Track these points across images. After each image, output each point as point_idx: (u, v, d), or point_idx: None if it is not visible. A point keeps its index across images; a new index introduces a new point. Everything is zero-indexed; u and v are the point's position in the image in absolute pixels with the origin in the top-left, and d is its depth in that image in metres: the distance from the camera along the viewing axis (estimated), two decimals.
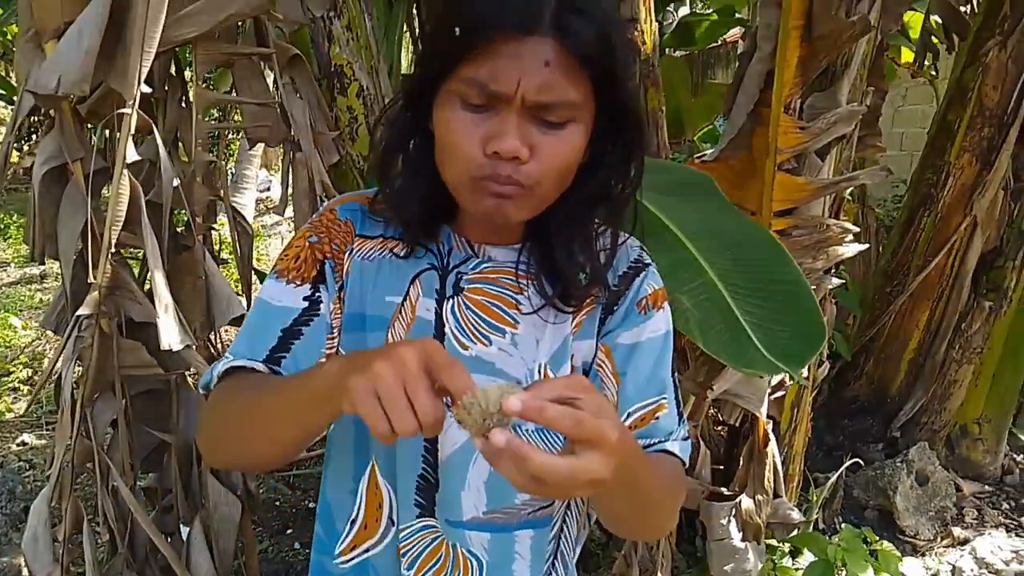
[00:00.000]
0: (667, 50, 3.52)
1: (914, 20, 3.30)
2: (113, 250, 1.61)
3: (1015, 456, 3.11)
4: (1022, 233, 2.71)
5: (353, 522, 0.92)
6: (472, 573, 0.90)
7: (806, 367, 1.88)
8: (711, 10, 3.47)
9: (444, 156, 0.79)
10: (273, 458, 0.83)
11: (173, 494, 1.88)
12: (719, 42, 4.48)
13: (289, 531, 2.80)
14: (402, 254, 0.88)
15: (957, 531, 2.72)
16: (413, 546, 0.90)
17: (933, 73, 3.55)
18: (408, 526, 0.90)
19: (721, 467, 2.18)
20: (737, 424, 2.09)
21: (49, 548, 1.64)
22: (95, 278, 1.57)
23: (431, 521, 0.89)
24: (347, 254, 0.88)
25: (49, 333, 4.36)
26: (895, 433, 2.98)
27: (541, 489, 0.60)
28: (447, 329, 0.87)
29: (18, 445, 3.42)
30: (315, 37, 1.79)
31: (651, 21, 2.36)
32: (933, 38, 2.83)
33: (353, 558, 0.93)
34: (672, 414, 0.90)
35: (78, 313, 1.56)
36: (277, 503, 3.01)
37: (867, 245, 2.25)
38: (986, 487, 2.92)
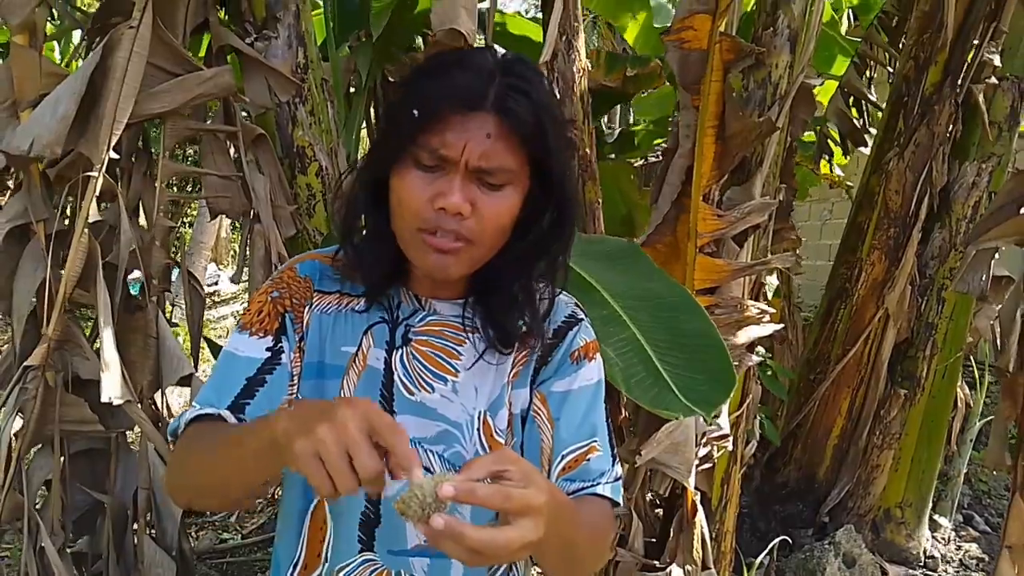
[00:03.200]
0: (614, 156, 3.77)
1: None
2: (67, 307, 1.67)
3: (936, 539, 3.22)
4: (930, 325, 2.93)
5: (295, 564, 0.98)
6: None
7: (725, 420, 2.00)
8: (648, 120, 3.76)
9: (397, 211, 0.88)
10: (238, 498, 0.91)
11: (104, 559, 1.86)
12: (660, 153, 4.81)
13: None
14: (359, 308, 0.97)
15: None
16: None
17: (849, 184, 3.89)
18: (349, 563, 0.95)
19: (654, 540, 2.23)
20: (667, 494, 2.16)
21: None
22: (46, 331, 1.62)
23: (371, 555, 0.95)
24: (307, 308, 0.96)
25: None
26: (824, 518, 3.07)
27: (482, 559, 0.66)
28: (395, 377, 0.95)
29: None
30: (280, 120, 1.93)
31: (588, 123, 2.58)
32: (829, 142, 3.13)
33: None
34: (604, 456, 0.98)
35: (25, 364, 1.60)
36: None
37: (782, 325, 2.42)
38: (910, 570, 3.01)
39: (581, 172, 2.51)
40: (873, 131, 3.20)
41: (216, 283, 9.26)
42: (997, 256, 2.44)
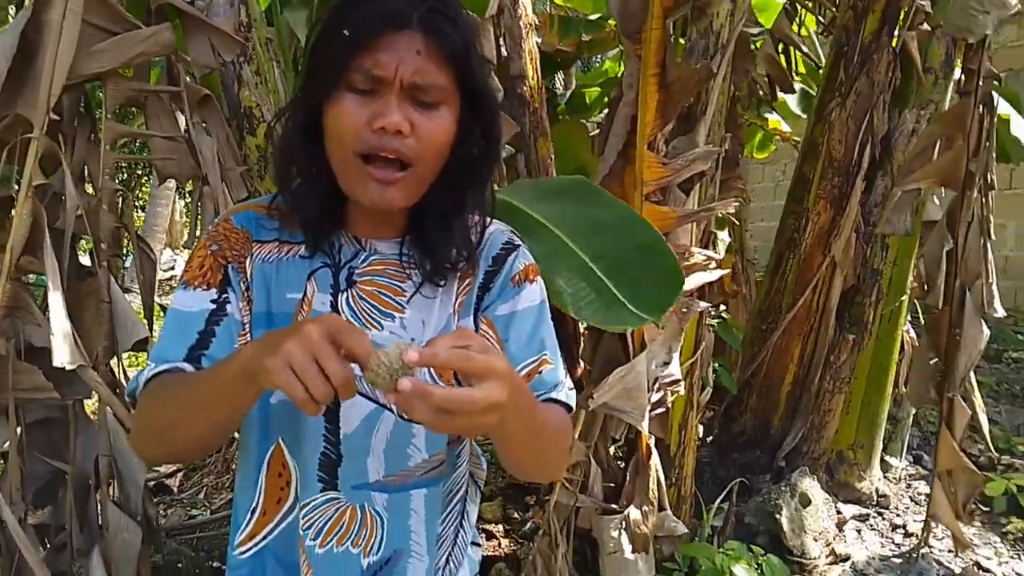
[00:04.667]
0: (567, 116, 3.79)
1: None
2: (15, 274, 1.66)
3: (887, 478, 3.36)
4: (875, 272, 3.02)
5: (253, 511, 1.00)
6: (376, 529, 1.00)
7: (676, 366, 2.06)
8: (598, 82, 3.79)
9: (335, 139, 0.90)
10: (210, 442, 0.92)
11: (68, 531, 1.86)
12: None
13: None
14: (300, 255, 0.99)
15: (839, 548, 2.90)
16: (317, 519, 0.98)
17: (797, 139, 3.97)
18: (310, 500, 0.98)
19: (613, 485, 2.30)
20: (623, 440, 2.23)
21: None
22: None
23: (334, 493, 0.98)
24: (248, 258, 0.98)
25: None
26: (780, 463, 3.17)
27: (451, 420, 0.70)
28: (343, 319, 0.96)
29: None
30: (225, 80, 1.92)
31: (538, 79, 2.61)
32: (758, 88, 3.19)
33: (250, 548, 1.01)
34: (556, 368, 1.02)
35: None
36: (179, 564, 2.92)
37: (728, 271, 2.47)
38: (863, 509, 3.13)
39: (532, 128, 2.54)
40: (799, 78, 3.26)
41: (172, 268, 9.13)
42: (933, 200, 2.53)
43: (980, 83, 2.18)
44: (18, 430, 1.76)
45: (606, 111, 3.62)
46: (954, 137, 2.29)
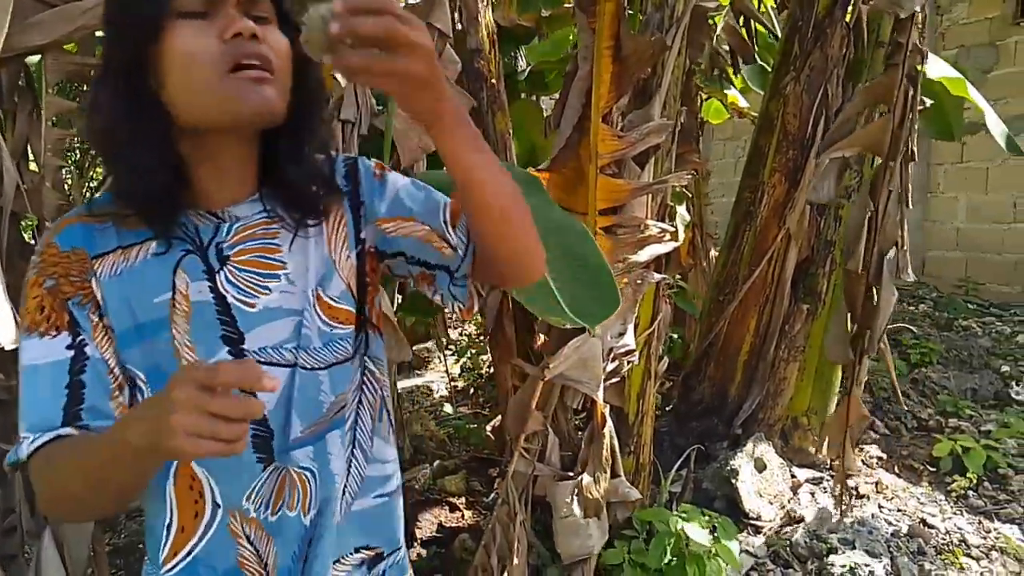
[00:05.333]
0: (523, 95, 3.78)
1: None
2: None
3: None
4: (828, 243, 3.08)
5: (169, 527, 0.94)
6: (309, 485, 0.97)
7: (631, 336, 2.09)
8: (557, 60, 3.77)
9: (187, 71, 0.82)
10: (131, 496, 0.86)
11: (17, 513, 1.84)
12: None
13: None
14: (152, 253, 0.90)
15: (794, 510, 2.99)
16: (265, 496, 0.95)
17: (754, 114, 4.00)
18: (255, 484, 0.94)
19: (570, 454, 2.34)
20: (581, 409, 2.26)
21: None
22: None
23: (274, 463, 0.95)
24: (92, 281, 0.88)
25: None
26: (737, 430, 3.24)
27: (389, 60, 0.71)
28: (229, 299, 0.92)
29: None
30: None
31: (495, 54, 2.59)
32: (723, 61, 3.23)
33: (178, 563, 0.95)
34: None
35: None
36: (140, 545, 2.92)
37: (679, 243, 2.51)
38: (816, 472, 3.23)
39: (490, 103, 2.53)
40: (759, 50, 3.29)
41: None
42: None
43: (907, 56, 2.23)
44: None
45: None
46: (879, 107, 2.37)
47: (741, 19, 2.91)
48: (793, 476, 3.16)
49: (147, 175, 0.85)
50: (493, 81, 2.50)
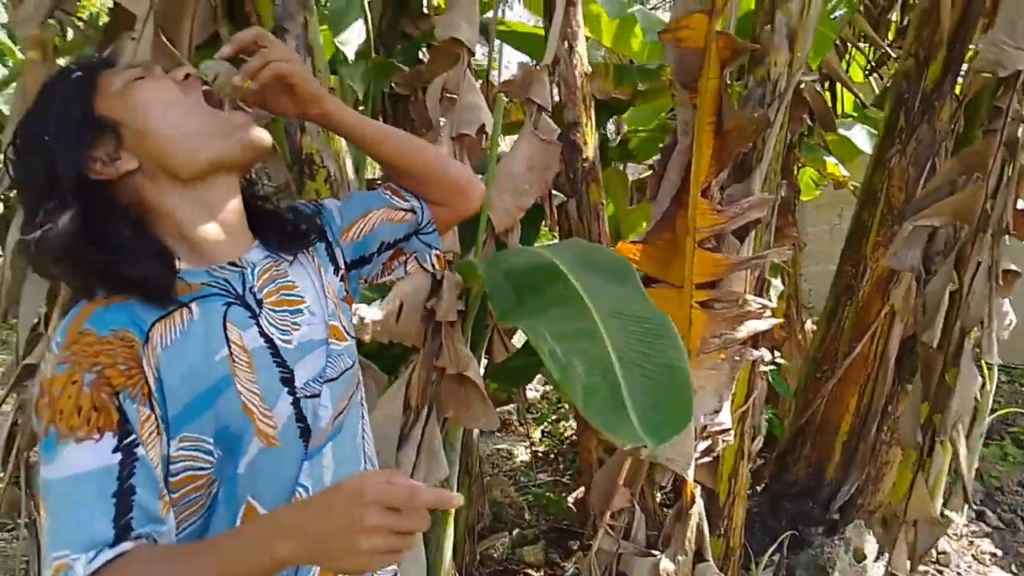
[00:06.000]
0: (612, 163, 3.81)
1: None
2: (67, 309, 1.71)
3: (947, 535, 3.21)
4: None
5: None
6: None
7: (727, 414, 2.01)
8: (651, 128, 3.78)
9: (172, 124, 0.91)
10: None
11: None
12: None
13: None
14: (193, 317, 0.88)
15: None
16: None
17: (855, 185, 3.90)
18: None
19: (657, 533, 2.25)
20: (669, 487, 2.18)
21: None
22: (47, 332, 1.67)
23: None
24: (145, 364, 0.82)
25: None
26: (834, 515, 3.07)
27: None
28: (276, 340, 0.94)
29: None
30: (288, 127, 1.98)
31: (591, 127, 2.62)
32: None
33: None
34: None
35: (24, 362, 1.64)
36: None
37: (783, 321, 2.43)
38: (921, 566, 3.00)
39: (585, 175, 2.55)
40: (842, 114, 3.21)
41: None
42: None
43: (1007, 122, 2.11)
44: None
45: (656, 157, 3.63)
46: (972, 176, 2.24)
47: (827, 83, 2.85)
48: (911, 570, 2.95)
49: (141, 257, 0.86)
50: (588, 154, 2.52)
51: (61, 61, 1.86)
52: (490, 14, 2.51)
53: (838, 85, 3.32)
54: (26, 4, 1.61)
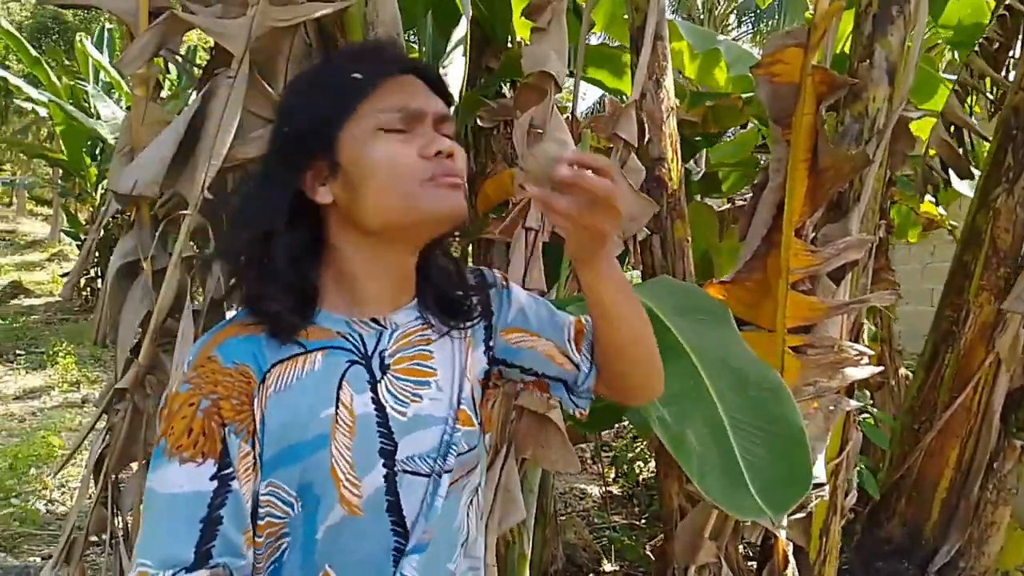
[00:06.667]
0: (698, 197, 3.73)
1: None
2: (159, 337, 1.75)
3: None
4: None
5: None
6: None
7: (822, 468, 1.90)
8: (735, 162, 3.70)
9: (389, 181, 0.86)
10: None
11: None
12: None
13: None
14: (316, 367, 0.87)
15: None
16: None
17: (953, 224, 3.70)
18: None
19: None
20: (759, 543, 2.06)
21: None
22: (137, 359, 1.70)
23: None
24: (255, 404, 0.83)
25: (84, 453, 4.46)
26: None
27: (590, 212, 0.81)
28: (388, 409, 0.89)
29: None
30: None
31: (677, 161, 2.56)
32: (935, 174, 2.98)
33: None
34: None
35: (116, 386, 1.67)
36: None
37: (881, 369, 2.30)
38: None
39: (670, 210, 2.48)
40: (974, 164, 3.04)
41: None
42: None
43: None
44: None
45: (745, 191, 3.53)
46: None
47: (952, 128, 2.71)
48: None
49: (286, 288, 0.86)
50: (674, 189, 2.46)
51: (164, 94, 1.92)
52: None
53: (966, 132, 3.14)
54: (135, 44, 1.68)
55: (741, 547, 2.58)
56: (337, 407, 0.86)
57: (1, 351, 7.52)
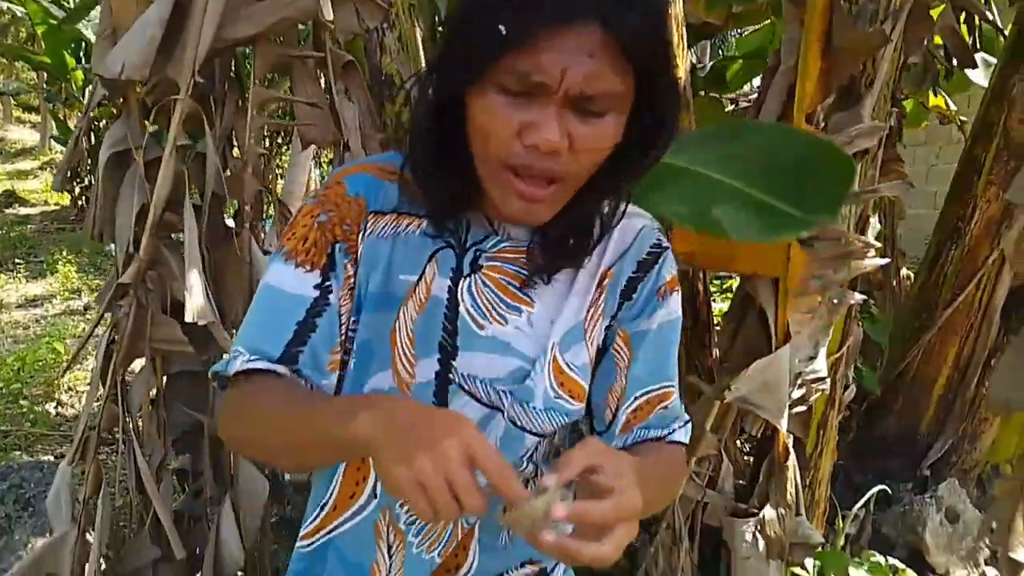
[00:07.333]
0: (702, 92, 3.62)
1: None
2: (159, 231, 1.71)
3: None
4: None
5: (323, 506, 0.93)
6: (468, 546, 0.92)
7: (823, 361, 1.89)
8: (740, 54, 3.57)
9: (479, 140, 0.77)
10: (295, 469, 0.87)
11: (203, 478, 1.94)
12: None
13: None
14: (421, 231, 0.87)
15: (991, 572, 2.64)
16: (420, 524, 0.91)
17: (962, 119, 3.60)
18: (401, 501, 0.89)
19: (743, 482, 2.17)
20: (758, 436, 2.09)
21: (69, 508, 1.71)
22: (138, 253, 1.67)
23: None
24: (360, 234, 0.85)
25: (89, 359, 4.51)
26: (925, 472, 2.92)
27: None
28: (462, 308, 0.86)
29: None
30: (368, 47, 1.90)
31: (684, 47, 2.46)
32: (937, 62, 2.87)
33: (314, 542, 0.94)
34: (677, 398, 0.95)
35: (119, 281, 1.65)
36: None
37: (887, 262, 2.27)
38: None
39: None
40: (983, 54, 2.92)
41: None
42: None
43: None
44: (161, 379, 1.85)
45: (755, 83, 3.40)
46: None
47: (963, 15, 2.58)
48: (990, 530, 2.80)
49: (438, 181, 0.83)
50: (681, 76, 2.37)
51: None
52: None
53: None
54: None
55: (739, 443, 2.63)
56: (419, 279, 0.86)
57: (0, 260, 7.50)
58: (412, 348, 0.86)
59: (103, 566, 1.75)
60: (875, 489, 2.51)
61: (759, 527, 1.94)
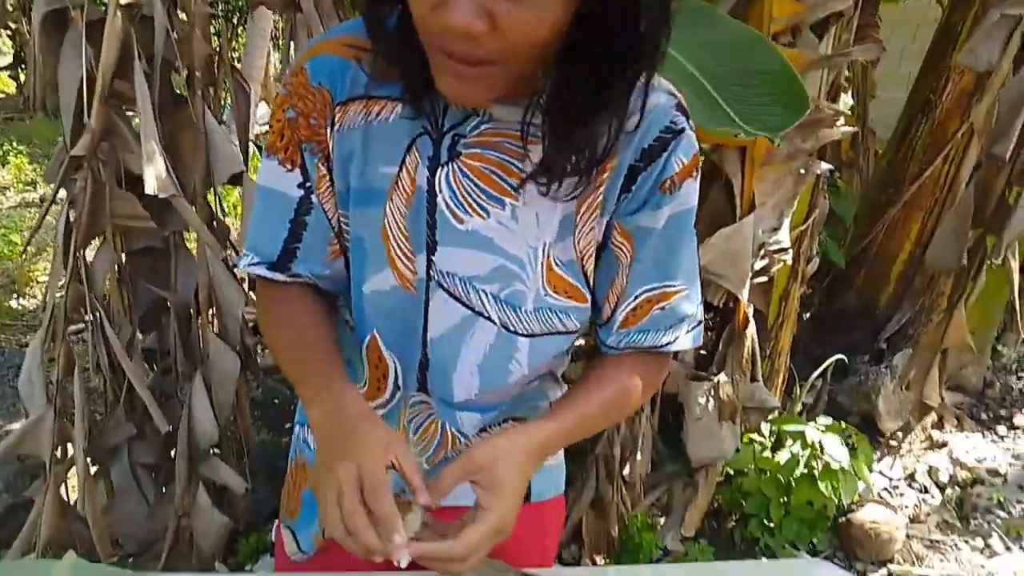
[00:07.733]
0: None
1: None
2: (110, 99, 1.63)
3: (997, 370, 3.17)
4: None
5: (362, 383, 0.91)
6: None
7: (786, 233, 1.91)
8: None
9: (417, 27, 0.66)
10: None
11: (172, 356, 1.93)
12: None
13: (287, 425, 2.87)
14: (398, 115, 0.77)
15: (936, 435, 2.79)
16: (415, 416, 0.90)
17: None
18: (410, 396, 0.89)
19: (704, 352, 2.22)
20: (720, 306, 2.12)
21: (42, 390, 1.70)
22: (89, 122, 1.59)
23: (425, 397, 0.88)
24: (328, 128, 0.79)
25: (48, 251, 4.41)
26: (882, 345, 3.02)
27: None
28: (440, 200, 0.78)
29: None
30: None
31: None
32: None
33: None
34: (688, 300, 0.85)
35: (71, 153, 1.58)
36: (275, 400, 3.08)
37: (855, 130, 2.26)
38: (967, 397, 2.98)
39: None
40: None
41: (268, 124, 9.21)
42: None
43: None
44: (121, 255, 1.81)
45: None
46: None
47: None
48: (941, 399, 2.93)
49: (405, 46, 0.69)
50: None
51: None
52: None
53: None
54: None
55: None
56: (401, 169, 0.78)
57: None
58: (408, 244, 0.80)
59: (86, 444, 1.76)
60: (833, 359, 2.59)
61: (713, 391, 2.01)
